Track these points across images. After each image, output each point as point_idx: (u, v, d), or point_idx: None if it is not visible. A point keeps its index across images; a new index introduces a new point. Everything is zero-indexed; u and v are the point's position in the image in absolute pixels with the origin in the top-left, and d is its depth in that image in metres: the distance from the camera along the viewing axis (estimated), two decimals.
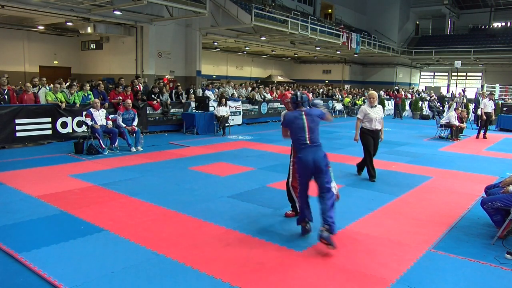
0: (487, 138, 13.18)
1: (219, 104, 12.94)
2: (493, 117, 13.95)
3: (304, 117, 4.37)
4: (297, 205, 4.69)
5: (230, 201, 5.62)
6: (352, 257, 3.88)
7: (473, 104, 19.59)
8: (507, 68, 30.65)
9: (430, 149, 10.83)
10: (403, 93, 23.15)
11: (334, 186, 4.29)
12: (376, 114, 6.96)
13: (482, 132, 13.44)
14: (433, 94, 23.29)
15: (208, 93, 14.81)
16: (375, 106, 7.02)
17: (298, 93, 4.48)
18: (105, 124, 9.13)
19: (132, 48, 17.62)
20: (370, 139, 7.02)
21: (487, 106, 13.47)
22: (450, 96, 23.92)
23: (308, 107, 4.47)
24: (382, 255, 3.96)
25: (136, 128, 9.66)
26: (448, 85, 34.32)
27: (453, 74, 32.35)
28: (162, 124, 12.84)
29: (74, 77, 15.95)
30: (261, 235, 4.34)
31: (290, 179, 4.82)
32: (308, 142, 4.30)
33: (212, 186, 6.35)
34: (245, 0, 19.23)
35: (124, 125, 9.39)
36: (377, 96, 7.25)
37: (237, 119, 14.79)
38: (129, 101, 10.00)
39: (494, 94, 15.09)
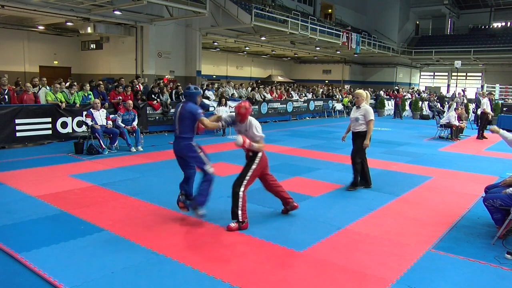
0: (487, 138, 13.20)
1: (219, 104, 12.94)
2: (489, 116, 14.09)
3: (179, 109, 4.67)
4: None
5: (230, 201, 5.61)
6: (352, 257, 3.88)
7: (473, 104, 19.62)
8: (507, 68, 30.66)
9: (430, 149, 10.83)
10: (403, 93, 23.16)
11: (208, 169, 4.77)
12: (353, 114, 6.42)
13: (481, 131, 13.47)
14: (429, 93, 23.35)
15: (208, 93, 14.81)
16: (358, 106, 6.37)
17: (191, 86, 4.79)
18: (105, 124, 9.13)
19: (132, 48, 17.61)
20: (352, 143, 6.52)
21: (488, 106, 13.64)
22: (450, 96, 23.95)
23: (189, 101, 4.69)
24: (382, 255, 3.96)
25: (136, 127, 9.66)
26: (448, 85, 34.34)
27: (453, 74, 32.37)
28: (162, 124, 12.83)
29: (74, 78, 15.96)
30: (261, 235, 4.34)
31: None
32: (177, 133, 4.69)
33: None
34: (245, 0, 19.22)
35: (124, 125, 9.39)
36: (363, 96, 6.41)
37: None
38: (130, 102, 10.00)
39: (493, 94, 15.16)
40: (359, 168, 6.41)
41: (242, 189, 4.62)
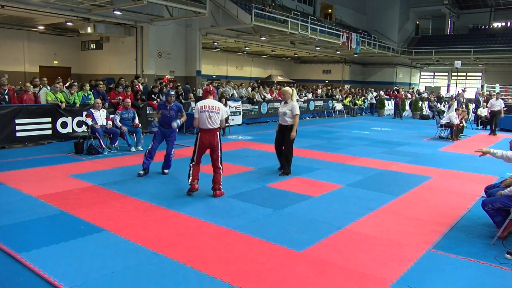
0: (495, 136, 13.52)
1: None
2: (502, 115, 14.63)
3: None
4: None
5: (230, 201, 5.62)
6: (352, 257, 3.88)
7: (473, 104, 19.62)
8: (507, 68, 30.65)
9: (430, 149, 10.83)
10: (403, 93, 23.15)
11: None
12: (281, 109, 7.17)
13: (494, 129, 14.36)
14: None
15: None
16: (285, 102, 7.15)
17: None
18: (105, 124, 9.13)
19: (132, 48, 17.61)
20: (278, 134, 7.31)
21: (494, 105, 14.29)
22: (450, 96, 23.94)
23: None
24: (382, 255, 3.96)
25: (139, 124, 9.72)
26: (448, 85, 34.33)
27: (453, 74, 32.36)
28: None
29: (74, 78, 15.95)
30: (261, 235, 4.34)
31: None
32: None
33: (212, 186, 6.34)
34: (245, 0, 19.22)
35: (120, 125, 9.35)
36: (289, 93, 7.21)
37: (237, 119, 14.78)
38: (129, 100, 10.00)
39: (499, 94, 15.54)
40: (290, 157, 7.20)
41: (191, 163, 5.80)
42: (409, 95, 24.96)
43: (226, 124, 12.81)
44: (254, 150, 9.98)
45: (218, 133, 5.73)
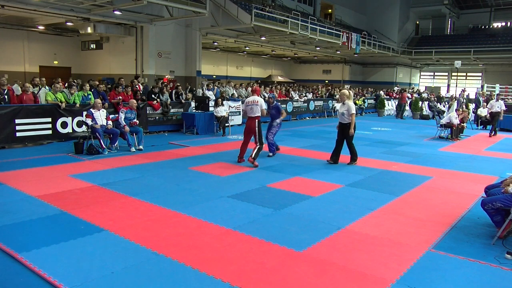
0: (495, 136, 13.92)
1: (216, 105, 12.94)
2: (501, 117, 14.62)
3: None
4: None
5: (230, 201, 5.63)
6: (352, 257, 3.88)
7: (473, 104, 19.61)
8: (507, 68, 30.65)
9: (430, 149, 10.83)
10: (406, 94, 23.21)
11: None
12: (340, 109, 8.35)
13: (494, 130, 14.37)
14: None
15: (208, 93, 14.82)
16: (343, 103, 8.26)
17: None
18: (105, 124, 9.13)
19: (132, 48, 17.60)
20: (338, 131, 8.41)
21: (494, 106, 14.34)
22: (450, 96, 23.96)
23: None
24: (382, 255, 3.96)
25: (137, 122, 9.78)
26: (448, 85, 34.33)
27: (453, 74, 32.37)
28: (162, 124, 12.83)
29: (74, 78, 15.94)
30: (261, 235, 4.34)
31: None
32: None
33: (212, 186, 6.35)
34: (245, 0, 19.22)
35: (124, 124, 9.35)
36: (345, 95, 8.29)
37: (237, 119, 14.77)
38: (134, 101, 10.04)
39: (500, 95, 15.53)
40: (353, 148, 8.36)
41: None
42: (409, 95, 24.99)
43: (226, 124, 12.82)
44: None
45: (257, 120, 7.99)
